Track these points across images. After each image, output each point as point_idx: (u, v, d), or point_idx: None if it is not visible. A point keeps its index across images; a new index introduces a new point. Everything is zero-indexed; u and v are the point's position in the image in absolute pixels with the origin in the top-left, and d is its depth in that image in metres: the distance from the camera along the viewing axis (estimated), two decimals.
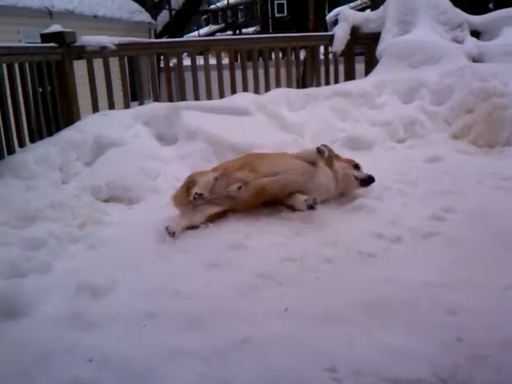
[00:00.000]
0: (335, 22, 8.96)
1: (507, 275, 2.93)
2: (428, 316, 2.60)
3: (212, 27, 43.84)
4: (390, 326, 2.53)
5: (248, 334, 2.52)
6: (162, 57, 8.63)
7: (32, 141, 5.37)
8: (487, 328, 2.46)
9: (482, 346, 2.33)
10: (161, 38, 17.26)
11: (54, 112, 5.90)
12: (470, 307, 2.63)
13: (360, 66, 7.96)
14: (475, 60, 7.12)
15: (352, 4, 25.60)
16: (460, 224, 3.62)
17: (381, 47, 7.46)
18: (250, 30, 40.75)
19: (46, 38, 6.13)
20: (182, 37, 20.40)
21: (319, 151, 4.02)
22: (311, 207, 3.77)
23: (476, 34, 7.68)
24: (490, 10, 9.87)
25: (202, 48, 7.32)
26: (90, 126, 5.50)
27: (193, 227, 3.81)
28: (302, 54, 8.45)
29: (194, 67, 7.21)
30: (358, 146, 5.43)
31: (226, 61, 7.79)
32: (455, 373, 2.18)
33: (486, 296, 2.74)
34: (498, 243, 3.29)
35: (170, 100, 6.99)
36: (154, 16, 17.53)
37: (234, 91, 7.16)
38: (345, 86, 6.89)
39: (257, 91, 7.25)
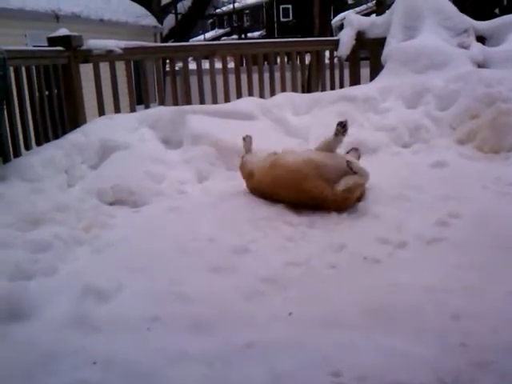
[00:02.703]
0: (340, 27, 8.97)
1: (511, 280, 2.93)
2: (431, 321, 2.60)
3: (218, 31, 43.98)
4: (393, 330, 2.53)
5: (252, 337, 2.52)
6: (167, 61, 8.64)
7: (38, 144, 5.39)
8: (491, 333, 2.46)
9: (485, 352, 2.33)
10: (167, 42, 17.31)
11: (60, 115, 5.92)
12: (474, 312, 2.63)
13: (365, 71, 7.96)
14: (480, 65, 7.11)
15: (357, 9, 25.61)
16: (464, 229, 3.62)
17: (386, 52, 7.46)
18: (256, 34, 40.84)
19: (52, 41, 6.17)
20: (188, 41, 20.46)
21: None
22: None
23: (482, 39, 7.66)
24: (495, 16, 9.85)
25: (208, 52, 7.34)
26: (96, 129, 5.52)
27: None
28: (307, 59, 8.46)
29: (199, 71, 7.23)
30: (362, 150, 5.42)
31: (231, 65, 7.81)
32: (458, 378, 2.18)
33: (489, 301, 2.74)
34: (502, 249, 3.29)
35: (176, 104, 7.00)
36: (160, 20, 17.57)
37: (239, 95, 7.17)
38: (350, 90, 6.89)
39: (262, 95, 7.26)
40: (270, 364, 2.33)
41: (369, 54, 8.15)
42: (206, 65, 7.56)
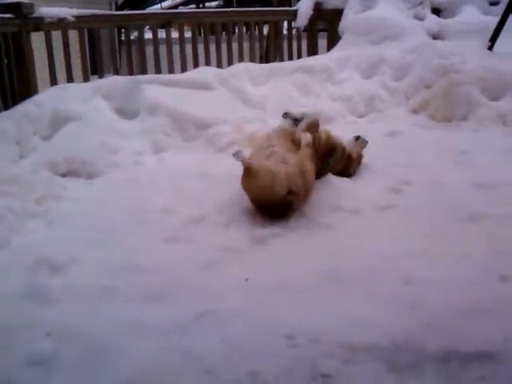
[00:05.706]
0: None
1: (461, 246, 3.02)
2: (384, 285, 2.67)
3: (175, 0, 43.01)
4: (347, 295, 2.59)
5: (208, 306, 2.55)
6: (122, 30, 8.46)
7: None
8: (441, 296, 2.54)
9: (435, 314, 2.41)
10: (122, 10, 16.88)
11: (11, 85, 5.74)
12: (426, 276, 2.72)
13: (323, 42, 7.96)
14: (435, 37, 7.21)
15: None
16: (417, 196, 3.71)
17: (343, 23, 7.47)
18: (214, 3, 40.12)
19: (2, 8, 5.93)
20: (144, 10, 19.98)
21: None
22: None
23: (437, 11, 7.76)
24: None
25: (165, 21, 7.18)
26: (48, 99, 5.36)
27: None
28: (266, 29, 8.39)
29: (155, 41, 7.10)
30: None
31: (188, 34, 7.68)
32: (409, 339, 2.25)
33: (440, 266, 2.83)
34: (453, 215, 3.39)
35: (131, 74, 6.85)
36: None
37: (196, 65, 7.07)
38: (307, 61, 6.89)
39: (219, 65, 7.18)
40: (226, 331, 2.36)
41: (326, 24, 8.13)
42: (162, 34, 7.42)
